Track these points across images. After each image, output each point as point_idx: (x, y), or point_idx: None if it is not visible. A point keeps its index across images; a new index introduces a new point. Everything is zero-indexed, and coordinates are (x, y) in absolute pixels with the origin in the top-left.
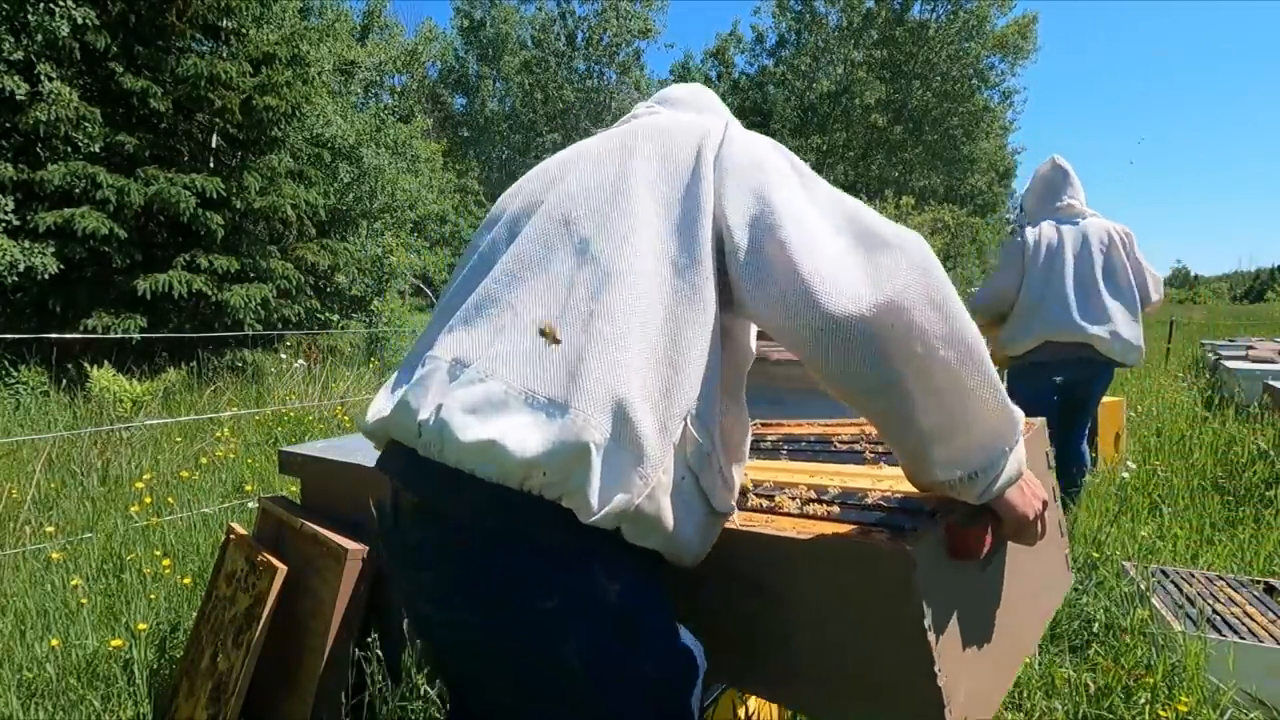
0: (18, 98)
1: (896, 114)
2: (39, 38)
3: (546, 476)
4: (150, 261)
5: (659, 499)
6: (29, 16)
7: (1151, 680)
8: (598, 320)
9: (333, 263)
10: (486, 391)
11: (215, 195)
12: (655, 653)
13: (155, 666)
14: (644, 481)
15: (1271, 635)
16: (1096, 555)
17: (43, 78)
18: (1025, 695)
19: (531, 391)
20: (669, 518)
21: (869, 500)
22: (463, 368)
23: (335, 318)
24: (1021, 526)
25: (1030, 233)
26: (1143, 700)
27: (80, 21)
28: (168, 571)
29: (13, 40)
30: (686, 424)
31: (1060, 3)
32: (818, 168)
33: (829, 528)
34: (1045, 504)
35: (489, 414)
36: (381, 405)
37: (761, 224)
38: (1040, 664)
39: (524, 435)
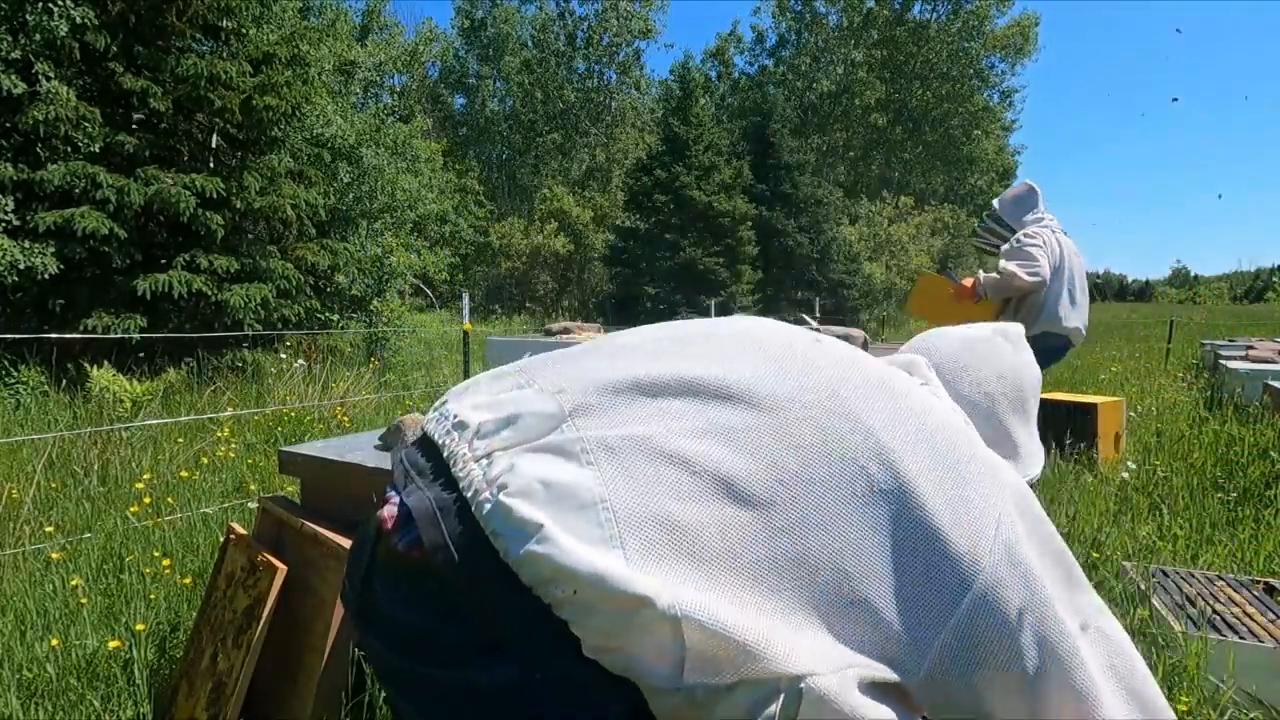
0: (15, 94)
1: (896, 114)
2: (37, 37)
3: (577, 595)
4: (150, 261)
5: (682, 715)
6: (27, 16)
7: None
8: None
9: (333, 263)
10: (577, 480)
11: (215, 195)
12: None
13: (155, 666)
14: (679, 677)
15: (1271, 635)
16: (1096, 555)
17: (41, 77)
18: None
19: (618, 527)
20: None
21: None
22: (571, 428)
23: (335, 318)
24: None
25: (1048, 236)
26: None
27: (79, 21)
28: (168, 571)
29: (10, 39)
30: (781, 697)
31: (1061, 2)
32: (818, 168)
33: None
34: None
35: (560, 500)
36: (480, 401)
37: (1045, 682)
38: None
39: (575, 545)
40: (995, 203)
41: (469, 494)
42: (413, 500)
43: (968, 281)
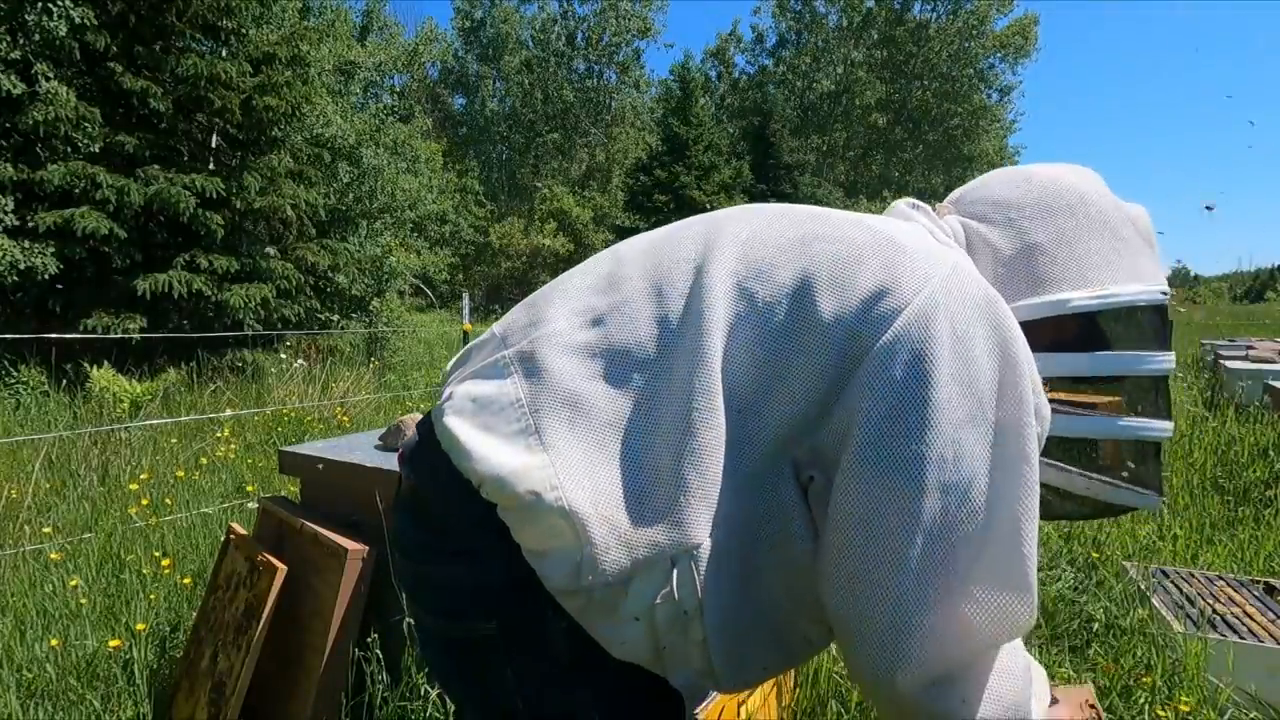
0: (14, 94)
1: (896, 114)
2: (36, 37)
3: (488, 493)
4: (150, 261)
5: (591, 616)
6: (26, 16)
7: (1151, 680)
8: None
9: (333, 263)
10: (498, 390)
11: (215, 195)
12: (602, 700)
13: (155, 666)
14: (576, 578)
15: (1271, 635)
16: (1096, 555)
17: (40, 77)
18: None
19: (531, 418)
20: (599, 634)
21: None
22: (501, 346)
23: (335, 318)
24: None
25: None
26: (1142, 700)
27: (78, 21)
28: (167, 571)
29: (10, 40)
30: (675, 572)
31: (1061, 2)
32: (818, 168)
33: None
34: None
35: (484, 409)
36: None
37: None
38: (1041, 664)
39: (486, 450)
40: None
41: (434, 422)
42: (409, 439)
43: None
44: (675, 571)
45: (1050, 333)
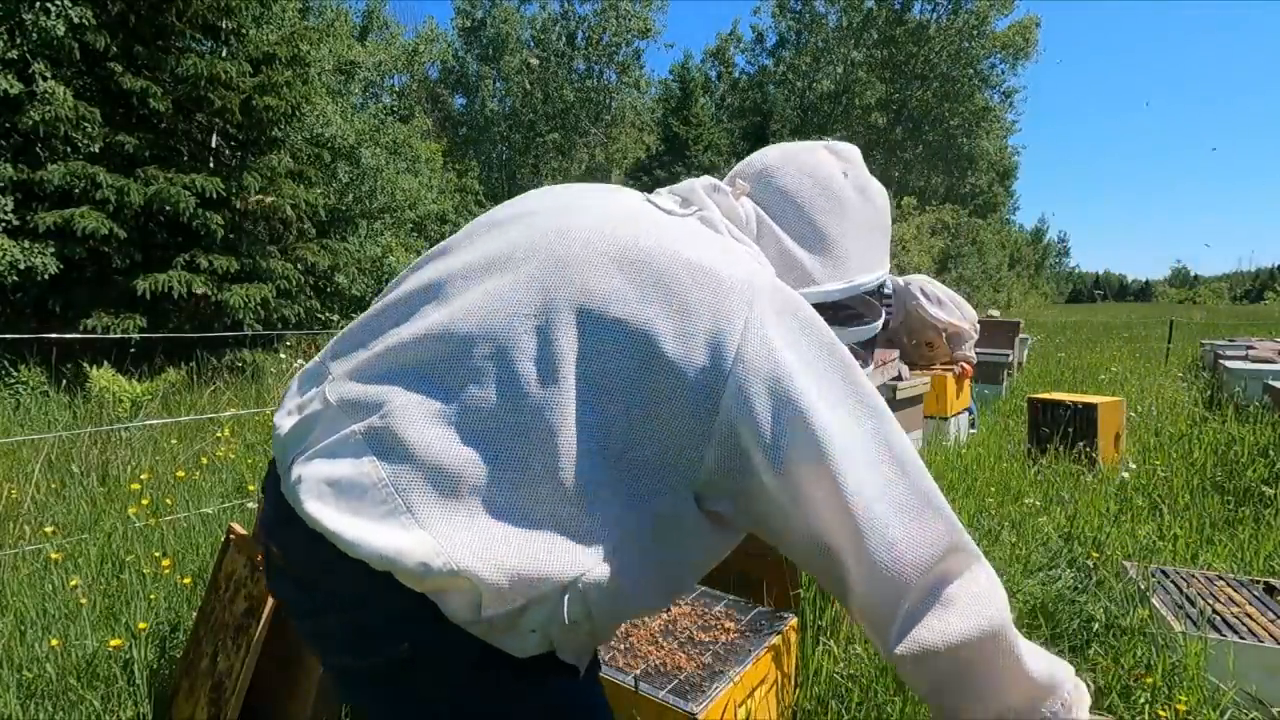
0: (12, 95)
1: (896, 114)
2: (34, 37)
3: (384, 566)
4: (150, 261)
5: (494, 636)
6: (24, 15)
7: (1151, 680)
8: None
9: (333, 263)
10: (355, 471)
11: (215, 195)
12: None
13: (155, 666)
14: (477, 612)
15: (1271, 635)
16: (1096, 555)
17: (38, 77)
18: None
19: (400, 498)
20: (501, 645)
21: None
22: (343, 420)
23: (335, 318)
24: None
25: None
26: (1142, 700)
27: (77, 21)
28: (167, 571)
29: (7, 39)
30: (565, 599)
31: (1063, 4)
32: None
33: None
34: None
35: (347, 493)
36: (290, 406)
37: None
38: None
39: (362, 533)
40: (894, 281)
41: (293, 504)
42: (269, 511)
43: (966, 369)
44: (566, 599)
45: (828, 310)
